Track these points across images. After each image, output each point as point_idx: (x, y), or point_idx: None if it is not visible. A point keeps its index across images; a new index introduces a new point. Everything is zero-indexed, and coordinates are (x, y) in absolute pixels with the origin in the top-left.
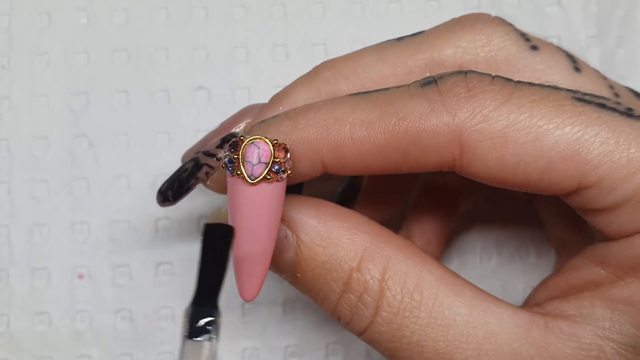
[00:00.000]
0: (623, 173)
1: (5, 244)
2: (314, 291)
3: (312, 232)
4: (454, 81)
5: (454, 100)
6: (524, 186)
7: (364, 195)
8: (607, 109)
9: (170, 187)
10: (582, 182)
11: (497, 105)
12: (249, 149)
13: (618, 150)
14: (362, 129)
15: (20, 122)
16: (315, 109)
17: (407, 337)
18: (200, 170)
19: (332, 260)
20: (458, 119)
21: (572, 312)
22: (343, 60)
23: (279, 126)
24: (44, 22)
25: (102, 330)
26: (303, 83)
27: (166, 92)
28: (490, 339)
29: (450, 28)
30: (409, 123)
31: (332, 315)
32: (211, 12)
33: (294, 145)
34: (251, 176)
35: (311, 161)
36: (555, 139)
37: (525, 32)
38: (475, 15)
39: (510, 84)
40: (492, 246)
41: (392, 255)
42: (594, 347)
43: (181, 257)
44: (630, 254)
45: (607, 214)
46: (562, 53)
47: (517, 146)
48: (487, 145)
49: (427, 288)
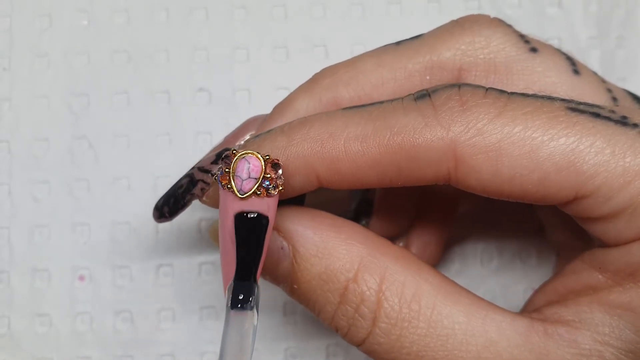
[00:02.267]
0: (619, 182)
1: (5, 245)
2: (311, 302)
3: (308, 243)
4: (448, 95)
5: (447, 114)
6: (520, 197)
7: (377, 209)
8: (602, 118)
9: (166, 204)
10: (578, 192)
11: (490, 118)
12: (239, 163)
13: (614, 159)
14: (357, 143)
15: (20, 123)
16: (309, 124)
17: (406, 347)
18: (196, 186)
19: (328, 271)
20: (452, 133)
21: (571, 317)
22: (342, 67)
23: (273, 141)
24: (44, 23)
25: (102, 331)
26: (304, 91)
27: (167, 93)
28: (490, 347)
29: (449, 30)
30: (403, 137)
31: (330, 327)
32: (212, 13)
33: (289, 160)
34: (240, 191)
35: (306, 176)
36: (550, 150)
37: (524, 34)
38: (474, 16)
39: (504, 96)
40: (492, 248)
41: (389, 265)
42: (594, 353)
43: (182, 258)
44: (628, 261)
45: (605, 223)
46: (562, 55)
47: (512, 159)
48: (482, 158)
49: (424, 297)
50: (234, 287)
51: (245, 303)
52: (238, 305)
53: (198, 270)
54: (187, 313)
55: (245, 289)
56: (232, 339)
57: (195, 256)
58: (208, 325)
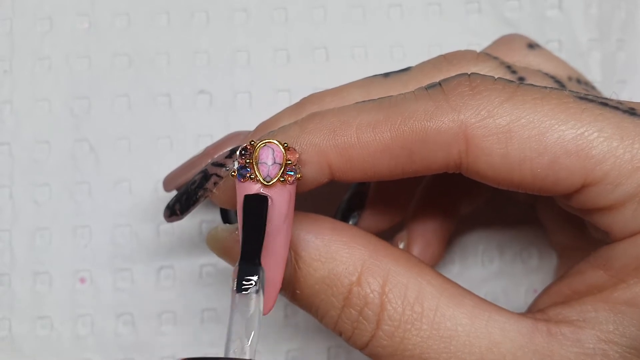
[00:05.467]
0: (628, 168)
1: (7, 248)
2: (314, 307)
3: (310, 248)
4: (458, 81)
5: (458, 98)
6: (529, 184)
7: (370, 202)
8: (610, 107)
9: (178, 201)
10: (587, 178)
11: (501, 101)
12: (262, 150)
13: (622, 145)
14: (369, 129)
15: (21, 127)
16: (321, 114)
17: (409, 350)
18: (209, 180)
19: (332, 275)
20: (463, 116)
21: (575, 317)
22: (329, 95)
23: (286, 131)
24: (45, 26)
25: (103, 334)
26: (289, 115)
27: (167, 96)
28: (493, 349)
29: (437, 66)
30: (414, 121)
31: (333, 331)
32: (212, 16)
33: (302, 148)
34: (267, 177)
35: (319, 164)
36: (559, 134)
37: (511, 64)
38: (461, 52)
39: (514, 84)
40: (493, 249)
41: (392, 267)
42: (598, 352)
43: (183, 261)
44: (634, 254)
45: (612, 213)
46: (549, 80)
47: (521, 141)
48: (492, 140)
49: (427, 299)
50: (238, 270)
51: (250, 285)
52: (242, 287)
53: (199, 273)
54: (189, 315)
55: (250, 272)
56: (238, 322)
57: (196, 258)
58: (210, 327)
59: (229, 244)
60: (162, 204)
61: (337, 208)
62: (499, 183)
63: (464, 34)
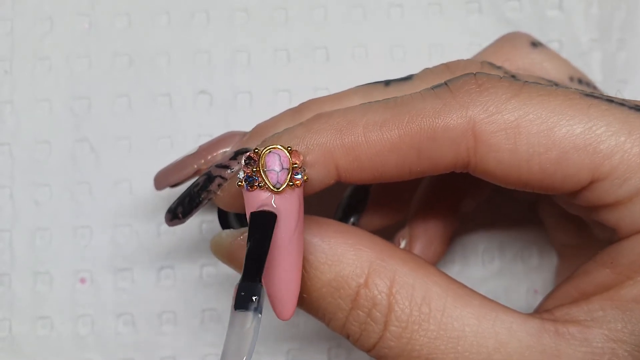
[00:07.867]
0: (636, 162)
1: (7, 248)
2: (321, 310)
3: (316, 251)
4: (464, 80)
5: (466, 95)
6: (537, 182)
7: (372, 199)
8: (616, 104)
9: (181, 204)
10: (595, 173)
11: (508, 97)
12: (269, 157)
13: (629, 140)
14: (376, 128)
15: (22, 127)
16: (327, 114)
17: (416, 350)
18: (213, 182)
19: (339, 277)
20: (471, 112)
21: (582, 316)
22: (329, 101)
23: (292, 132)
24: (45, 26)
25: (104, 334)
26: (288, 117)
27: (168, 96)
28: (500, 349)
29: (439, 75)
30: (422, 119)
31: (341, 334)
32: (213, 16)
33: (308, 149)
34: (277, 184)
35: (325, 165)
36: (567, 129)
37: (516, 74)
38: (464, 62)
39: (520, 81)
40: (494, 248)
41: (398, 268)
42: (607, 351)
43: (183, 261)
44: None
45: (619, 208)
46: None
47: (529, 136)
48: (501, 136)
49: (434, 300)
50: (238, 288)
51: (247, 303)
52: (241, 305)
53: (199, 273)
54: (189, 315)
55: (249, 289)
56: (233, 339)
57: (196, 259)
58: (210, 327)
59: (234, 249)
60: (163, 203)
61: (338, 205)
62: (507, 181)
63: (465, 34)
